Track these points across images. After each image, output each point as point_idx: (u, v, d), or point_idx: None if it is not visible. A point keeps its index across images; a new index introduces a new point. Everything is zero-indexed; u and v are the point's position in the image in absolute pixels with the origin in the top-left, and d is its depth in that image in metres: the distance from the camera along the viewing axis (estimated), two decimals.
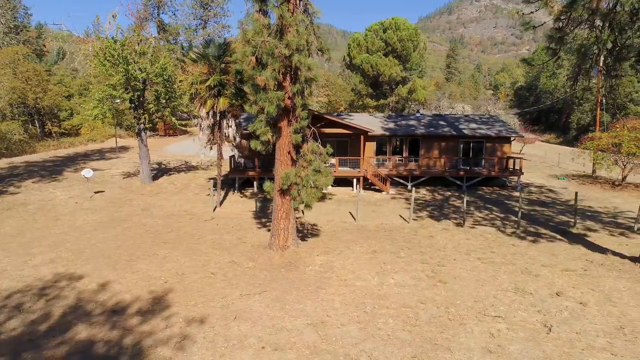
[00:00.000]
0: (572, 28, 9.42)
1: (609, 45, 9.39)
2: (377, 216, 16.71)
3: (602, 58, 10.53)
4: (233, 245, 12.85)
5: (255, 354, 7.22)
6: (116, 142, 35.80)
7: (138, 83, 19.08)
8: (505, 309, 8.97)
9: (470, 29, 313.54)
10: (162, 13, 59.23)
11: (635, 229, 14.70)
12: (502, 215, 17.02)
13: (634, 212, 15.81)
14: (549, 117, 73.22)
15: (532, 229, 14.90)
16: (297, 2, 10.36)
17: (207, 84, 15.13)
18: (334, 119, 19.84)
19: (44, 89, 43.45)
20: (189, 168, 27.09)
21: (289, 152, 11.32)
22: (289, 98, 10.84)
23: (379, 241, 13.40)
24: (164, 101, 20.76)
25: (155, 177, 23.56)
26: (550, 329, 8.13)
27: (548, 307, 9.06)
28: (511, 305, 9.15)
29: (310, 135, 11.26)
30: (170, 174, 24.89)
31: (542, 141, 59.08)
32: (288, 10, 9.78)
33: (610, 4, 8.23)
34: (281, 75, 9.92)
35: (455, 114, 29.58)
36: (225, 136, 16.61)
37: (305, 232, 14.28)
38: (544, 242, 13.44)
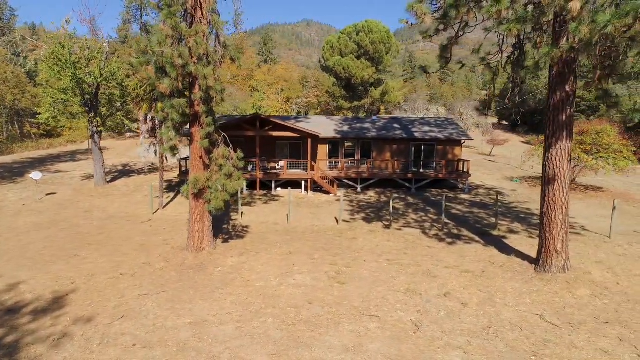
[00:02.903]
0: (459, 37, 9.88)
1: (482, 55, 9.89)
2: (313, 218, 17.11)
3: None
4: (155, 247, 13.23)
5: (123, 351, 7.58)
6: (88, 143, 36.06)
7: (88, 87, 19.46)
8: (387, 309, 9.33)
9: (469, 30, 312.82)
10: (145, 15, 59.59)
11: None
12: (435, 217, 17.41)
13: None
14: (533, 118, 73.70)
15: (456, 231, 15.30)
16: (202, 13, 10.75)
17: (143, 88, 15.54)
18: (280, 122, 20.23)
19: (22, 91, 43.89)
20: (152, 170, 27.45)
21: (200, 157, 11.72)
22: (198, 105, 11.25)
23: (301, 243, 13.79)
24: (118, 104, 21.16)
25: (114, 179, 23.95)
26: (418, 328, 8.52)
27: (430, 307, 9.42)
28: (395, 305, 9.51)
29: (221, 141, 11.66)
30: (131, 176, 25.27)
31: (523, 142, 59.49)
32: (184, 21, 10.18)
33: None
34: (180, 84, 10.32)
35: (410, 117, 29.93)
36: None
37: (233, 234, 14.68)
38: (460, 244, 13.83)
